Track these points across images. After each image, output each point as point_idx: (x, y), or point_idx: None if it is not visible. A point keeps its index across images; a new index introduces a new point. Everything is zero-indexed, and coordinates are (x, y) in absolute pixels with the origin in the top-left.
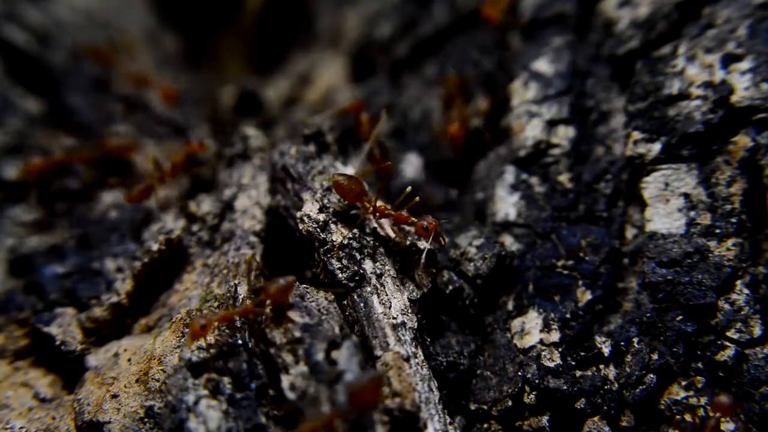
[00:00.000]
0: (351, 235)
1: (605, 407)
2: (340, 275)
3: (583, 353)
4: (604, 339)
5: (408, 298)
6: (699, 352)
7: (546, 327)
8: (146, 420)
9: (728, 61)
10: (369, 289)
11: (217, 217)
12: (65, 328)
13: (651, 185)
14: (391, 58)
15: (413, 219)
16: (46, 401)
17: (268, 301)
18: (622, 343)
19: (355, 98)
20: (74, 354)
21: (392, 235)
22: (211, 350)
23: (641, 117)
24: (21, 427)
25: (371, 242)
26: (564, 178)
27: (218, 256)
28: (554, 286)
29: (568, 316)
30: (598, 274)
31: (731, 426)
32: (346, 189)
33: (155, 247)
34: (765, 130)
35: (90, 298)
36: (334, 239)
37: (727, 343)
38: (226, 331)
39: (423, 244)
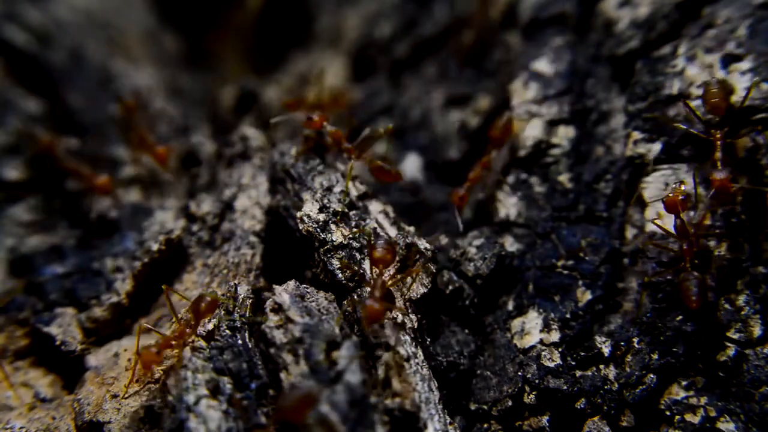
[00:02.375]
0: (351, 235)
1: (605, 407)
2: (340, 275)
3: (583, 353)
4: (604, 339)
5: (408, 298)
6: (699, 352)
7: (546, 327)
8: (146, 420)
9: (728, 61)
10: (369, 289)
11: (217, 217)
12: (65, 328)
13: (651, 185)
14: (391, 58)
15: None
16: (46, 401)
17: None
18: (622, 343)
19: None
20: (74, 354)
21: (393, 235)
22: (211, 350)
23: (641, 117)
24: (21, 427)
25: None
26: (564, 178)
27: (218, 256)
28: (554, 286)
29: (568, 316)
30: (598, 274)
31: (731, 426)
32: (380, 258)
33: (155, 247)
34: (765, 130)
35: (90, 298)
36: (334, 239)
37: (727, 343)
38: (227, 331)
39: (423, 244)
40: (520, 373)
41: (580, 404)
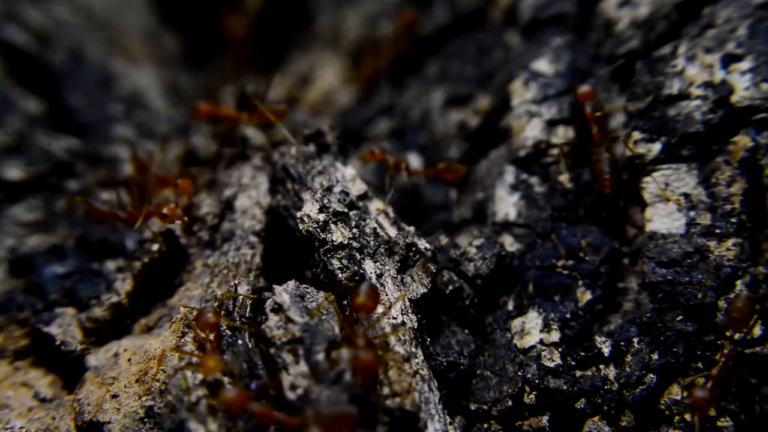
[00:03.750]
0: (351, 235)
1: (605, 407)
2: (340, 275)
3: (583, 353)
4: (604, 339)
5: (408, 298)
6: (699, 352)
7: (546, 327)
8: (146, 420)
9: (728, 61)
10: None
11: (217, 217)
12: (65, 328)
13: (651, 185)
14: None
15: None
16: (46, 401)
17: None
18: (622, 343)
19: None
20: (74, 354)
21: (393, 235)
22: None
23: (641, 117)
24: (21, 427)
25: (371, 242)
26: (564, 178)
27: (218, 256)
28: (554, 286)
29: (568, 316)
30: (598, 274)
31: (731, 426)
32: (361, 305)
33: (155, 247)
34: (765, 130)
35: (90, 298)
36: (334, 239)
37: (727, 343)
38: (227, 331)
39: (423, 244)
40: (520, 373)
41: (580, 404)
